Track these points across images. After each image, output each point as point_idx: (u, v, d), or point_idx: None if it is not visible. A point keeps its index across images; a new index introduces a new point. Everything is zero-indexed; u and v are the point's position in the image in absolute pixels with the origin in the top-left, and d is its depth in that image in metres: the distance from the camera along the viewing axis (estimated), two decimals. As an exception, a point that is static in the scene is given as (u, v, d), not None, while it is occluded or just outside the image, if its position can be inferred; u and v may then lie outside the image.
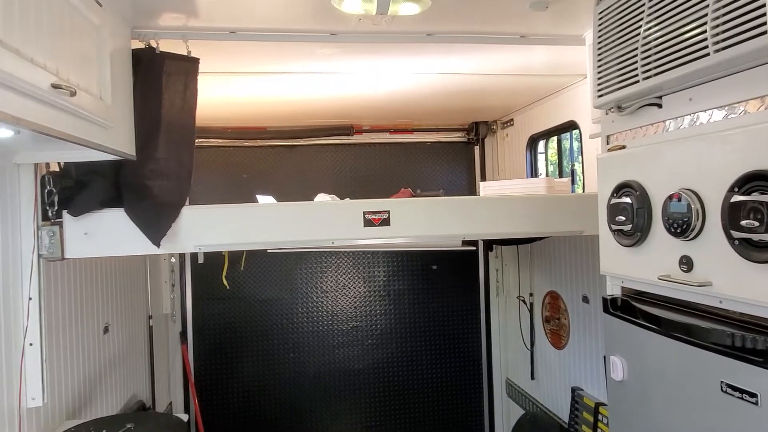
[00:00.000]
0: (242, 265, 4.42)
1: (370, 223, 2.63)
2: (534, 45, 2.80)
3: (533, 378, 4.56)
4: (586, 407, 3.62)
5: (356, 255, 5.04)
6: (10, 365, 2.20)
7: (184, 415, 2.99)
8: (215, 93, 3.48)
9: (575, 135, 4.08)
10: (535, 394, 4.55)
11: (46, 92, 1.59)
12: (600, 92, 2.06)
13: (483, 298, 5.22)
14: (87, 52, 1.97)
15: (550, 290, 4.25)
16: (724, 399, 1.52)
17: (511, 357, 5.08)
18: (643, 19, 1.81)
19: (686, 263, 1.67)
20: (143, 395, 3.84)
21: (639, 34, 1.83)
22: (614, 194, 1.98)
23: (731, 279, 1.52)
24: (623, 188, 1.94)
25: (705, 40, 1.55)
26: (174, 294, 4.62)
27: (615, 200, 1.97)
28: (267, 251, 4.54)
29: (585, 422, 3.62)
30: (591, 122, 2.50)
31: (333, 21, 2.45)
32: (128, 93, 2.35)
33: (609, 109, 2.11)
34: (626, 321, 1.98)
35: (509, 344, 5.11)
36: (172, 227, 2.47)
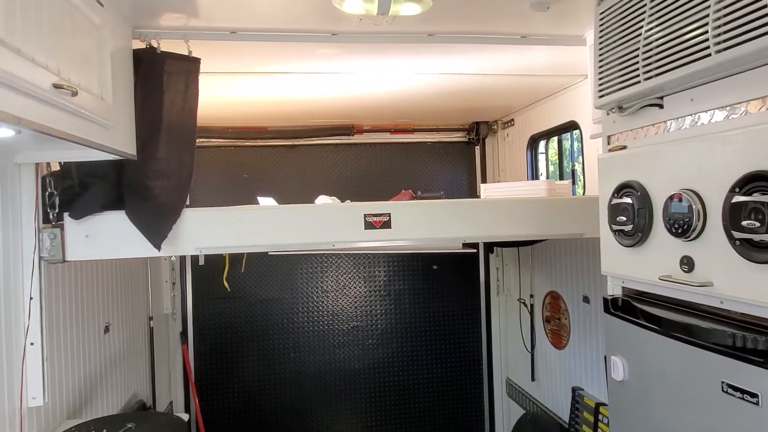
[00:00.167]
0: (243, 267, 4.42)
1: (371, 226, 2.63)
2: (535, 45, 2.80)
3: (533, 380, 4.56)
4: (587, 407, 3.62)
5: (357, 255, 5.04)
6: (11, 365, 2.20)
7: (185, 415, 2.99)
8: (216, 93, 3.48)
9: (576, 135, 4.08)
10: (536, 394, 4.55)
11: (48, 92, 1.59)
12: (601, 92, 2.06)
13: (483, 298, 5.22)
14: (88, 52, 1.97)
15: (551, 290, 4.24)
16: (725, 399, 1.52)
17: (512, 358, 5.08)
18: (645, 20, 1.81)
19: (687, 263, 1.67)
20: (144, 395, 3.85)
21: (640, 35, 1.83)
22: (615, 194, 1.98)
23: (732, 279, 1.52)
24: (624, 188, 1.94)
25: (707, 41, 1.55)
26: (175, 292, 4.63)
27: (616, 200, 1.97)
28: (268, 254, 4.54)
29: (585, 422, 3.62)
30: (592, 122, 2.50)
31: (334, 21, 2.45)
32: (129, 93, 2.35)
33: (610, 110, 2.11)
34: (627, 321, 1.98)
35: (510, 345, 5.11)
36: (173, 230, 2.47)
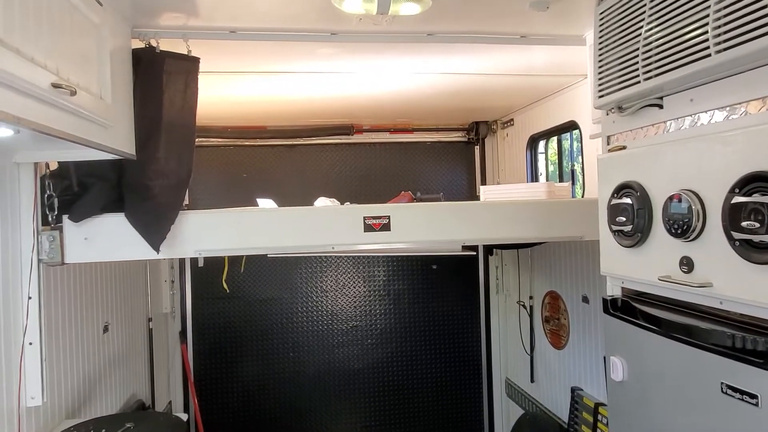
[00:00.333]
0: (242, 268, 4.41)
1: (371, 228, 2.63)
2: (534, 45, 2.80)
3: (533, 381, 4.56)
4: (586, 407, 3.62)
5: (356, 255, 5.03)
6: (10, 364, 2.20)
7: (184, 415, 2.99)
8: (215, 92, 3.48)
9: (575, 135, 4.08)
10: (535, 394, 4.55)
11: (47, 91, 1.59)
12: (601, 92, 2.06)
13: (483, 298, 5.22)
14: (87, 52, 1.96)
15: (550, 290, 4.24)
16: (725, 400, 1.52)
17: (511, 359, 5.08)
18: (645, 20, 1.81)
19: (687, 264, 1.67)
20: (143, 394, 3.84)
21: (640, 35, 1.83)
22: (615, 195, 1.98)
23: (732, 280, 1.52)
24: (624, 189, 1.94)
25: (706, 41, 1.55)
26: (174, 290, 4.62)
27: (615, 201, 1.97)
28: (267, 256, 4.54)
29: (584, 422, 3.62)
30: (591, 122, 2.49)
31: (333, 21, 2.45)
32: (128, 92, 2.34)
33: (610, 110, 2.11)
34: (626, 321, 1.98)
35: (509, 346, 5.11)
36: (172, 232, 2.46)
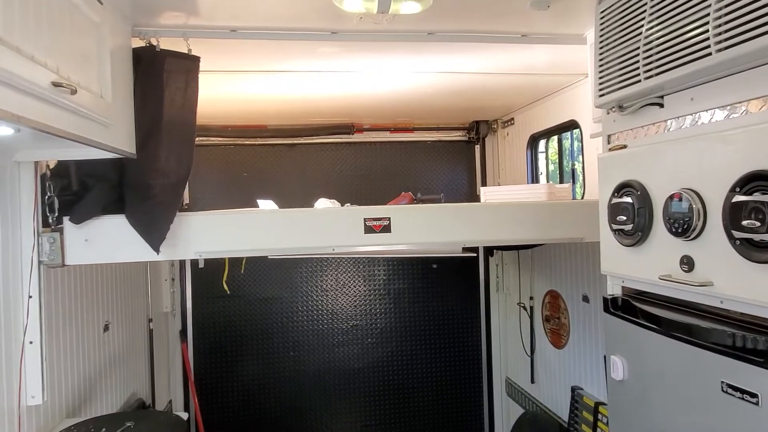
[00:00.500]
0: (242, 269, 4.41)
1: (371, 230, 2.62)
2: (535, 44, 2.79)
3: (533, 382, 4.56)
4: (586, 407, 3.62)
5: (356, 256, 5.03)
6: (10, 363, 2.20)
7: (184, 414, 2.99)
8: (216, 91, 3.48)
9: (576, 134, 4.07)
10: (535, 394, 4.55)
11: (47, 90, 1.59)
12: (601, 91, 2.06)
13: (483, 297, 5.22)
14: (87, 50, 1.96)
15: (550, 289, 4.24)
16: (725, 399, 1.52)
17: (511, 359, 5.09)
18: (645, 19, 1.81)
19: (687, 263, 1.67)
20: (143, 393, 3.84)
21: (641, 34, 1.83)
22: (615, 194, 1.98)
23: (732, 279, 1.52)
24: (624, 188, 1.94)
25: (707, 40, 1.55)
26: (174, 288, 4.62)
27: (616, 200, 1.97)
28: (267, 258, 4.54)
29: (585, 421, 3.62)
30: (592, 121, 2.49)
31: (334, 19, 2.45)
32: (129, 91, 2.34)
33: (610, 109, 2.11)
34: (627, 321, 1.98)
35: (509, 346, 5.11)
36: (173, 233, 2.45)
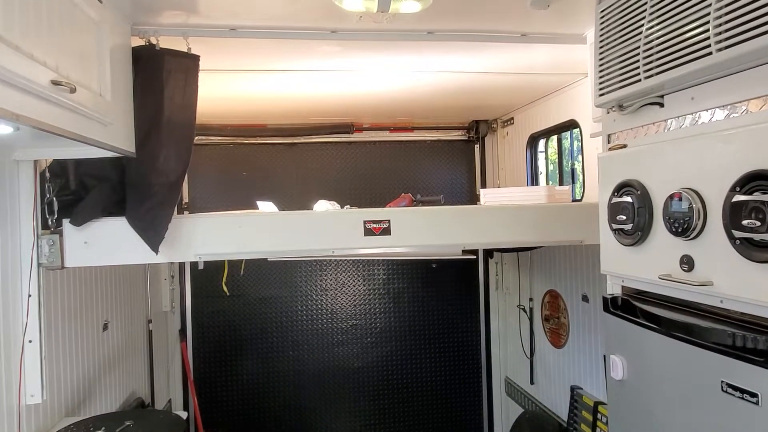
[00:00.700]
0: (242, 270, 4.41)
1: (371, 233, 2.62)
2: (535, 43, 2.79)
3: (533, 383, 4.56)
4: (585, 406, 3.62)
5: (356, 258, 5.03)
6: (10, 362, 2.20)
7: (183, 413, 2.99)
8: (215, 90, 3.47)
9: (575, 134, 4.07)
10: (534, 393, 4.55)
11: (46, 88, 1.58)
12: (601, 91, 2.05)
13: (482, 297, 5.23)
14: (87, 49, 1.96)
15: (550, 289, 4.24)
16: (725, 399, 1.52)
17: (511, 360, 5.09)
18: (645, 18, 1.81)
19: (687, 263, 1.67)
20: (142, 392, 3.84)
21: (641, 33, 1.82)
22: (615, 193, 1.98)
23: (732, 279, 1.52)
24: (624, 187, 1.93)
25: (707, 39, 1.55)
26: (173, 285, 4.62)
27: (616, 199, 1.97)
28: (267, 259, 4.54)
29: (584, 421, 3.63)
30: (592, 121, 2.49)
31: (334, 18, 2.44)
32: (128, 90, 2.34)
33: (610, 108, 2.11)
34: (626, 320, 1.97)
35: (509, 346, 5.11)
36: (173, 235, 2.44)
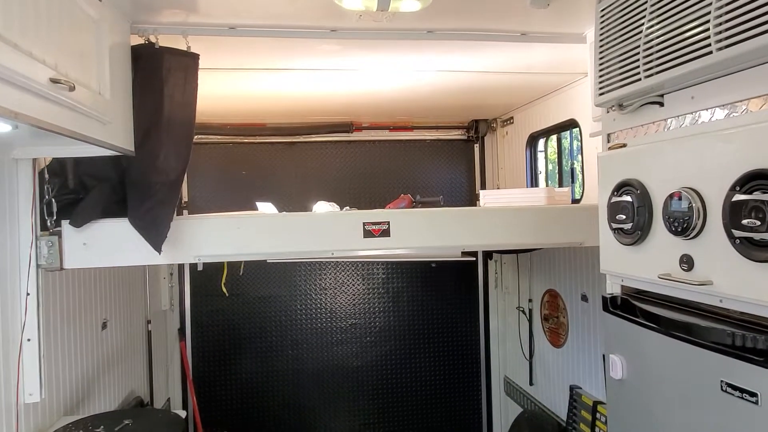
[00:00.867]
0: (241, 271, 4.42)
1: (370, 234, 2.61)
2: (535, 43, 2.79)
3: (532, 384, 4.57)
4: (585, 406, 3.62)
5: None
6: (8, 361, 2.19)
7: (182, 412, 3.00)
8: (215, 89, 3.47)
9: (575, 133, 4.07)
10: (534, 393, 4.55)
11: (45, 87, 1.58)
12: (601, 90, 2.05)
13: (482, 296, 5.23)
14: (86, 47, 1.95)
15: (549, 288, 4.24)
16: (724, 398, 1.52)
17: (510, 360, 5.09)
18: (645, 17, 1.80)
19: (687, 262, 1.66)
20: (141, 391, 3.84)
21: (641, 32, 1.82)
22: (615, 193, 1.98)
23: (732, 278, 1.52)
24: (624, 186, 1.93)
25: (708, 38, 1.54)
26: (172, 283, 4.61)
27: (615, 198, 1.97)
28: (266, 261, 4.53)
29: (583, 420, 3.63)
30: (592, 120, 2.49)
31: (333, 17, 2.44)
32: (127, 88, 2.33)
33: (610, 107, 2.11)
34: (626, 320, 1.97)
35: (508, 345, 5.11)
36: (172, 236, 2.44)
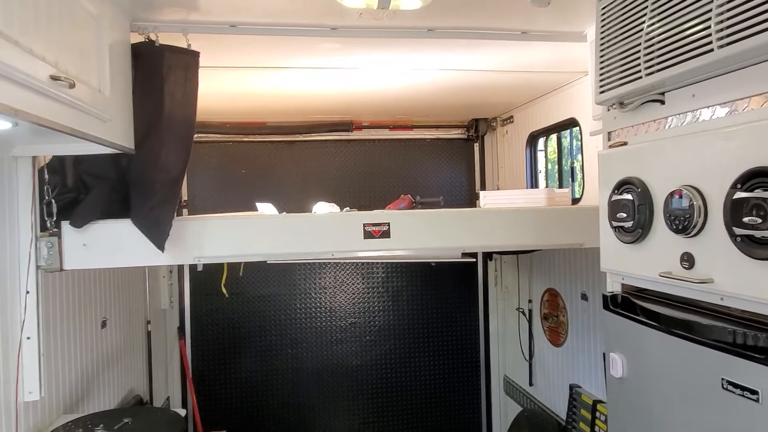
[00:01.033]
0: (241, 271, 4.41)
1: (370, 235, 2.61)
2: (535, 41, 2.79)
3: (531, 385, 4.57)
4: (584, 404, 3.62)
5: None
6: (8, 359, 2.19)
7: (182, 410, 3.00)
8: (215, 87, 3.47)
9: (575, 133, 4.07)
10: (533, 392, 4.55)
11: (45, 84, 1.58)
12: (602, 88, 2.05)
13: (481, 295, 5.23)
14: (86, 45, 1.95)
15: (549, 287, 4.24)
16: (725, 396, 1.52)
17: (510, 360, 5.09)
18: (646, 15, 1.80)
19: (687, 260, 1.66)
20: (141, 390, 3.84)
21: (642, 30, 1.82)
22: (615, 191, 1.98)
23: (733, 276, 1.52)
24: (624, 185, 1.93)
25: (709, 36, 1.54)
26: (172, 281, 4.61)
27: (616, 197, 1.97)
28: (266, 262, 4.53)
29: (583, 419, 3.63)
30: (592, 119, 2.49)
31: (334, 15, 2.44)
32: (127, 86, 2.33)
33: (611, 106, 2.10)
34: (626, 318, 1.97)
35: (508, 345, 5.11)
36: (172, 237, 2.43)
